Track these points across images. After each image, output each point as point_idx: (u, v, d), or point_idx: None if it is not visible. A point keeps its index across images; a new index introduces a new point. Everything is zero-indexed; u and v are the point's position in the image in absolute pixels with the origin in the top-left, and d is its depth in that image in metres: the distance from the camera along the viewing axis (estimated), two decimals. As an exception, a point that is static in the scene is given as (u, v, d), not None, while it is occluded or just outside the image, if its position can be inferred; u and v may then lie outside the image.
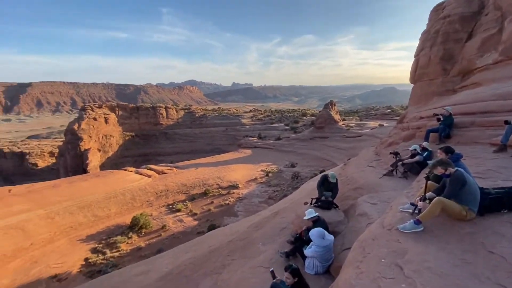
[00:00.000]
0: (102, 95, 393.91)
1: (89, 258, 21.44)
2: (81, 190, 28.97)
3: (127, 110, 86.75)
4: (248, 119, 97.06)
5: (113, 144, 78.45)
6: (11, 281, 18.47)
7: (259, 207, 31.34)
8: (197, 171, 42.39)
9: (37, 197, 25.73)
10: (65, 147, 69.80)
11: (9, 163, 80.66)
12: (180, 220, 28.51)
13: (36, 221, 23.43)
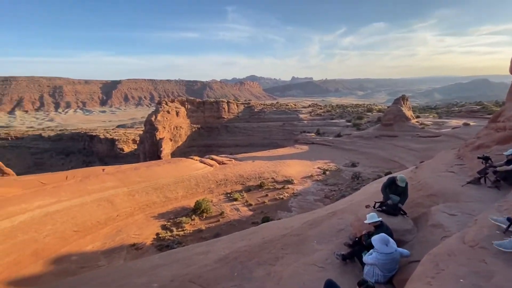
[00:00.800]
0: (175, 91, 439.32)
1: (160, 234, 24.56)
2: (156, 173, 33.20)
3: (195, 104, 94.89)
4: (306, 114, 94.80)
5: (182, 135, 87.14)
6: (102, 244, 22.61)
7: (314, 205, 30.60)
8: (254, 164, 43.71)
9: (123, 176, 30.62)
10: (144, 136, 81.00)
11: (103, 147, 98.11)
12: (237, 208, 30.03)
13: (121, 197, 27.98)
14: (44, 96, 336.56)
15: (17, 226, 20.41)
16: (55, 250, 20.54)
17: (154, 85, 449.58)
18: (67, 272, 18.65)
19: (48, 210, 22.71)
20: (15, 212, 21.16)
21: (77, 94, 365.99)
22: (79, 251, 21.15)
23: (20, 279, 17.68)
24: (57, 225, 22.13)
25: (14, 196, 22.90)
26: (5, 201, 21.80)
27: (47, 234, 21.23)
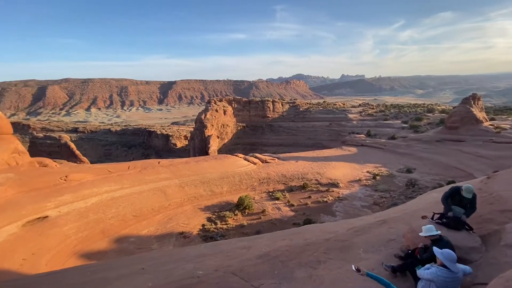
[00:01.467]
0: (223, 90, 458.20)
1: (205, 225, 26.01)
2: (203, 168, 35.22)
3: (241, 103, 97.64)
4: (356, 114, 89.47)
5: (228, 133, 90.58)
6: (155, 229, 24.92)
7: (361, 211, 28.84)
8: (297, 164, 43.07)
9: (175, 169, 33.23)
10: (194, 133, 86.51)
11: (160, 142, 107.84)
12: (278, 208, 30.03)
13: (173, 188, 30.42)
14: (113, 96, 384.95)
15: (89, 207, 23.83)
16: (118, 231, 23.40)
17: (204, 85, 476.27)
18: (126, 251, 21.10)
19: (114, 195, 25.96)
20: (88, 195, 24.74)
21: (139, 94, 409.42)
22: (136, 234, 23.71)
23: (90, 252, 20.63)
24: (119, 209, 25.17)
25: (87, 181, 26.78)
26: (81, 185, 25.64)
27: (112, 216, 24.31)
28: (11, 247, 17.49)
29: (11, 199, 21.21)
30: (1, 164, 26.19)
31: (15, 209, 20.07)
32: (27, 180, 24.15)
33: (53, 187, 24.20)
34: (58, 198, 22.88)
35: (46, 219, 20.88)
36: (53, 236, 19.92)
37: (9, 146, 29.23)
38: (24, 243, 18.33)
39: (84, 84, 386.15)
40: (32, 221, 20.18)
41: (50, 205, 21.94)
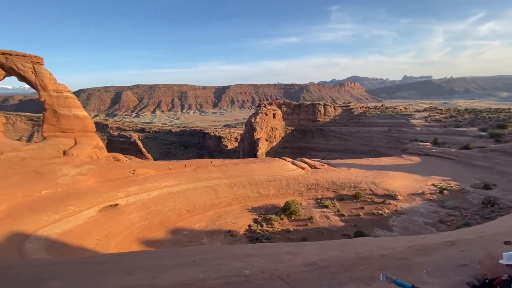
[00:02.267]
0: (273, 94, 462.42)
1: (251, 226, 26.44)
2: (252, 170, 35.97)
3: (291, 107, 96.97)
4: (420, 119, 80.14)
5: (277, 136, 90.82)
6: (206, 225, 26.34)
7: (423, 228, 25.66)
8: (349, 171, 40.61)
9: (225, 170, 34.73)
10: (244, 135, 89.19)
11: (213, 143, 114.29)
12: (327, 216, 28.73)
13: (223, 187, 31.81)
14: (174, 100, 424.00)
15: (151, 199, 26.55)
16: (173, 223, 25.49)
17: (255, 89, 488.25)
18: (179, 243, 22.82)
19: (172, 190, 28.43)
20: (150, 188, 27.60)
21: (196, 98, 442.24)
22: (189, 227, 25.45)
23: (150, 240, 22.92)
24: (176, 203, 27.41)
25: (151, 176, 29.91)
26: (145, 179, 28.78)
27: (169, 209, 26.62)
28: (89, 228, 20.61)
29: (91, 187, 25.03)
30: (85, 157, 31.13)
31: (94, 196, 23.61)
32: (104, 172, 28.19)
33: (123, 179, 27.73)
34: (127, 189, 26.11)
35: (116, 207, 24.01)
36: (121, 222, 22.77)
37: (92, 142, 34.59)
38: (99, 225, 21.39)
39: (151, 89, 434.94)
40: (106, 208, 23.43)
41: (120, 194, 25.16)
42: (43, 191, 22.01)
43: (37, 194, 21.45)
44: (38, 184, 22.52)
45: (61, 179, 24.18)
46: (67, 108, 33.54)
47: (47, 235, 17.98)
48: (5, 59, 31.17)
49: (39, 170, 24.62)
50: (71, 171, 25.82)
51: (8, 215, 18.21)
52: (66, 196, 22.27)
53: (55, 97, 32.92)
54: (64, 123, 33.18)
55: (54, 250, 16.79)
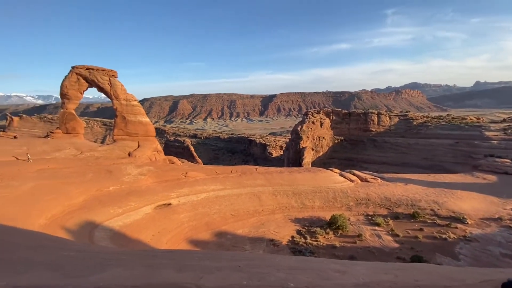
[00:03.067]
0: (321, 102, 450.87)
1: (294, 237, 25.76)
2: (296, 179, 35.28)
3: (340, 115, 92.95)
4: (497, 131, 68.55)
5: (324, 146, 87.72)
6: (249, 231, 26.58)
7: (500, 260, 21.60)
8: (406, 187, 36.75)
9: (270, 177, 34.78)
10: (290, 144, 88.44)
11: (258, 150, 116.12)
12: (378, 235, 26.33)
13: (266, 195, 31.87)
14: (224, 108, 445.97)
15: (200, 201, 28.04)
16: (218, 226, 26.40)
17: (302, 98, 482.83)
18: (223, 246, 23.46)
19: (218, 194, 29.61)
20: (199, 191, 29.20)
21: (244, 106, 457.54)
22: (232, 232, 26.04)
23: (196, 240, 24.10)
24: (222, 206, 28.41)
25: (200, 179, 31.71)
26: (195, 182, 30.61)
27: (215, 212, 27.71)
28: (145, 224, 22.68)
29: (149, 186, 27.64)
30: (146, 158, 34.59)
31: (151, 194, 26.00)
32: (161, 173, 30.91)
33: (176, 181, 29.98)
34: (179, 190, 28.11)
35: (169, 206, 26.00)
36: (173, 221, 24.52)
37: (152, 146, 38.35)
38: (153, 222, 23.40)
39: (204, 98, 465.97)
40: (161, 206, 25.55)
41: (173, 195, 27.20)
42: (111, 187, 25.16)
43: (106, 190, 24.59)
44: (107, 181, 25.85)
45: (125, 178, 27.32)
46: (133, 114, 38.04)
47: (111, 226, 20.39)
48: (88, 73, 37.09)
49: (109, 169, 28.27)
50: (133, 171, 29.00)
51: (84, 206, 21.25)
52: (129, 193, 25.02)
53: (125, 105, 37.69)
54: (131, 128, 37.66)
55: (116, 239, 18.90)
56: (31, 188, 20.27)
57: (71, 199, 21.09)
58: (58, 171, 25.12)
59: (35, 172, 23.49)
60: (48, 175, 23.63)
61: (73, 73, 37.18)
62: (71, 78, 37.09)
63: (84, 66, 37.17)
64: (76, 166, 27.32)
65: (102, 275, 4.21)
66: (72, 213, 19.76)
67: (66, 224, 18.13)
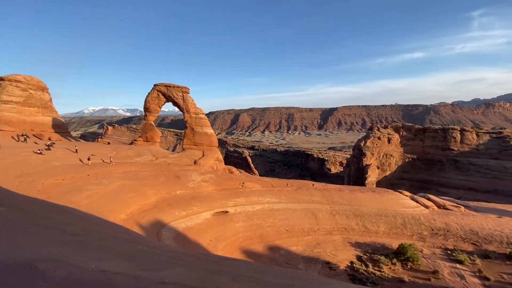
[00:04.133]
0: (389, 116, 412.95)
1: (354, 263, 23.55)
2: (358, 199, 32.58)
3: (412, 131, 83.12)
4: None
5: (392, 164, 79.25)
6: (303, 249, 25.51)
7: None
8: (500, 220, 30.00)
9: (327, 195, 33.05)
10: (351, 160, 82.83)
11: (315, 165, 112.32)
12: (461, 275, 21.94)
13: (323, 213, 30.27)
14: (282, 121, 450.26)
15: (255, 212, 28.45)
16: (272, 239, 26.17)
17: (367, 111, 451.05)
18: (276, 261, 23.04)
19: (273, 207, 29.56)
20: (255, 202, 29.70)
21: (302, 120, 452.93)
22: (286, 247, 25.41)
23: (250, 251, 24.33)
24: (276, 220, 28.18)
25: (256, 190, 32.30)
26: (251, 192, 31.31)
27: (269, 225, 27.62)
28: (205, 229, 24.12)
29: (210, 193, 29.49)
30: (208, 167, 37.16)
31: (211, 201, 27.67)
32: (221, 181, 32.73)
33: (234, 190, 31.23)
34: (236, 199, 29.17)
35: (226, 214, 27.13)
36: (229, 229, 25.44)
37: (214, 155, 41.08)
38: (211, 228, 24.70)
39: (263, 112, 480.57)
40: (219, 213, 26.89)
41: (230, 203, 28.35)
42: (178, 191, 27.80)
43: (174, 193, 27.27)
44: (175, 185, 28.68)
45: (190, 183, 29.84)
46: (200, 126, 41.77)
47: (176, 227, 22.37)
48: (166, 89, 42.59)
49: (177, 174, 31.38)
50: (197, 178, 31.49)
51: (155, 206, 23.97)
52: (192, 197, 27.18)
53: (194, 117, 41.76)
54: (197, 138, 41.35)
55: (179, 240, 20.59)
56: (117, 187, 23.98)
57: (146, 199, 24.08)
58: (138, 174, 29.11)
59: (121, 173, 27.75)
60: (130, 176, 27.61)
61: (155, 89, 43.32)
62: (153, 94, 43.26)
63: (163, 84, 42.98)
64: (151, 170, 31.23)
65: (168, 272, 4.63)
66: (146, 211, 22.49)
67: (140, 221, 20.71)
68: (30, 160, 24.20)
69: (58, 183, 21.16)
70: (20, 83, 45.18)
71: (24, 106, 44.64)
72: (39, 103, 47.51)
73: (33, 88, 47.04)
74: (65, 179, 22.23)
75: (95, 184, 23.00)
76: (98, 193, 21.37)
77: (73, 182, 22.36)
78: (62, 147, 33.16)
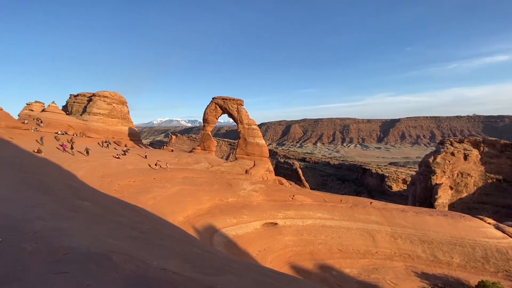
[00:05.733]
0: (465, 129, 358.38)
1: (420, 297, 20.49)
2: (426, 223, 28.54)
3: (497, 147, 69.93)
4: None
5: (469, 185, 67.66)
6: (358, 273, 23.36)
7: None
8: None
9: (388, 215, 29.85)
10: (417, 177, 73.64)
11: (373, 181, 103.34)
12: None
13: (383, 235, 27.35)
14: (336, 133, 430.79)
15: (305, 227, 27.43)
16: (323, 258, 24.72)
17: (436, 123, 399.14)
18: (327, 282, 21.59)
19: (325, 223, 28.07)
20: (305, 216, 28.68)
21: (359, 132, 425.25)
22: (338, 268, 23.65)
23: (298, 267, 23.39)
24: (328, 238, 26.61)
25: (307, 203, 31.22)
26: (301, 206, 30.39)
27: (320, 242, 26.22)
28: (254, 238, 24.23)
29: (260, 203, 29.70)
30: (259, 177, 37.65)
31: (260, 211, 27.79)
32: (270, 192, 32.74)
33: (283, 202, 30.83)
34: (285, 211, 28.68)
35: (276, 226, 26.83)
36: (278, 241, 25.04)
37: (265, 166, 41.52)
38: (260, 238, 24.67)
39: (315, 123, 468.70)
40: (268, 224, 26.77)
41: (280, 215, 27.99)
42: (229, 198, 28.79)
43: (226, 200, 28.32)
44: (227, 192, 29.81)
45: (241, 192, 30.62)
46: (252, 137, 42.96)
47: (226, 234, 23.05)
48: (223, 102, 45.31)
49: (230, 182, 32.61)
50: (248, 187, 32.16)
51: (208, 211, 25.23)
52: (243, 206, 27.78)
53: (247, 128, 43.26)
54: (249, 149, 42.55)
55: (229, 247, 21.13)
56: (177, 191, 26.13)
57: (201, 204, 25.59)
58: (195, 179, 31.26)
59: (181, 178, 30.21)
60: (189, 181, 29.82)
61: (213, 102, 46.57)
62: (211, 106, 46.53)
63: (220, 97, 45.93)
64: (207, 177, 33.20)
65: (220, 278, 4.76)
66: (200, 216, 23.84)
67: (195, 225, 22.01)
68: (110, 163, 28.34)
69: (130, 184, 24.15)
70: (106, 98, 54.01)
71: (108, 118, 53.01)
72: (120, 115, 55.80)
73: (116, 102, 55.64)
74: (135, 181, 25.27)
75: (159, 187, 25.52)
76: (162, 195, 23.60)
77: (142, 184, 25.25)
78: (135, 153, 37.95)
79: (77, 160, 25.37)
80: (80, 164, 23.93)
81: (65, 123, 44.65)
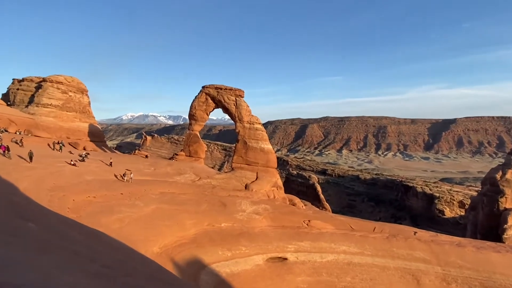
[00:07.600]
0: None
1: None
2: (490, 263, 28.26)
3: None
4: None
5: (551, 212, 66.97)
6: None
7: None
8: None
9: (438, 250, 29.63)
10: (479, 200, 73.20)
11: (418, 203, 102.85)
12: None
13: (431, 278, 27.13)
14: (368, 136, 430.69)
15: (324, 264, 27.33)
16: (349, 307, 24.56)
17: (507, 126, 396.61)
18: None
19: (352, 259, 27.96)
20: (325, 249, 28.60)
21: (399, 135, 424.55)
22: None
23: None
24: (355, 280, 26.47)
25: (327, 232, 31.16)
26: (320, 235, 30.33)
27: (345, 285, 26.08)
28: (254, 277, 24.21)
29: (263, 230, 29.71)
30: (263, 194, 37.77)
31: (264, 241, 27.78)
32: (278, 215, 32.76)
33: (296, 229, 30.80)
34: (298, 242, 28.64)
35: (284, 261, 26.78)
36: (287, 282, 24.97)
37: (271, 179, 41.63)
38: (263, 278, 24.64)
39: (340, 122, 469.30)
40: (274, 259, 26.75)
41: (291, 247, 27.94)
42: (222, 223, 28.87)
43: (218, 226, 28.39)
44: (220, 215, 29.90)
45: (239, 215, 30.70)
46: (255, 140, 43.18)
47: (218, 272, 23.06)
48: (217, 92, 45.75)
49: (223, 201, 32.73)
50: (248, 208, 32.24)
51: (194, 240, 25.29)
52: (240, 233, 27.81)
53: (248, 128, 43.53)
54: (250, 156, 42.74)
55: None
56: (152, 211, 26.28)
57: (183, 230, 25.68)
58: (176, 197, 31.41)
59: (158, 194, 30.38)
60: (168, 199, 29.98)
61: (203, 92, 47.01)
62: (200, 98, 46.98)
63: (213, 86, 46.39)
64: (192, 193, 33.33)
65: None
66: (183, 246, 23.90)
67: (175, 258, 22.06)
68: (63, 172, 28.62)
69: (89, 201, 24.35)
70: (61, 85, 54.80)
71: (63, 111, 53.71)
72: (77, 107, 56.51)
73: (73, 90, 56.43)
74: (96, 197, 25.47)
75: (128, 205, 25.69)
76: (131, 217, 23.74)
77: (105, 201, 25.44)
78: (97, 159, 38.27)
79: (19, 167, 25.67)
80: (23, 172, 24.20)
81: (5, 117, 45.33)
